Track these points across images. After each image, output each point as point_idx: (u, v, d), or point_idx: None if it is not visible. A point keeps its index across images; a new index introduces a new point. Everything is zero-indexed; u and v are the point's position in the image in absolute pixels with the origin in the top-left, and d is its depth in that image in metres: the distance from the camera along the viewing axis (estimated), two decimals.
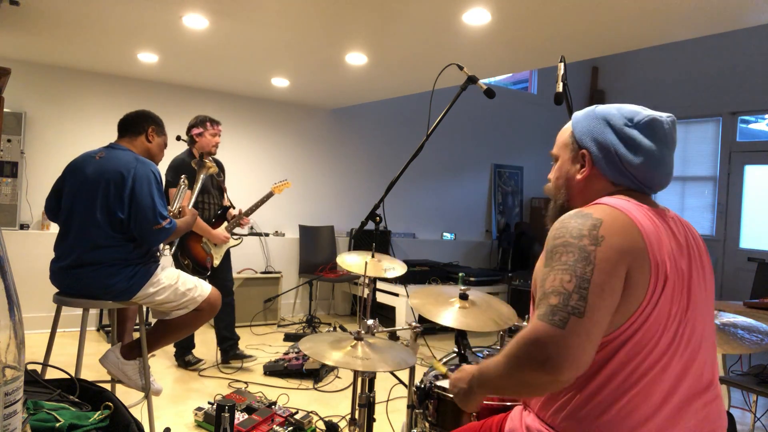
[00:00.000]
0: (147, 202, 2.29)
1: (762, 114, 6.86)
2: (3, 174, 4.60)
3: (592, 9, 3.02)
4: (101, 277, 2.27)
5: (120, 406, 0.97)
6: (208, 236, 3.76)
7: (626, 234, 1.06)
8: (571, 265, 1.04)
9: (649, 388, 1.06)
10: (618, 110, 1.22)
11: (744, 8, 2.93)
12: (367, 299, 1.99)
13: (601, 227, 1.06)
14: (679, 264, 1.11)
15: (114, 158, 2.35)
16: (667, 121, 1.20)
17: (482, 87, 2.14)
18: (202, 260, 3.77)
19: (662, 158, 1.18)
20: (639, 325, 1.06)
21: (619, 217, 1.09)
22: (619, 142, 1.19)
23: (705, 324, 1.15)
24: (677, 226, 1.18)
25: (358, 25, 3.46)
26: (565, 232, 1.09)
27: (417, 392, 1.81)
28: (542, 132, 8.19)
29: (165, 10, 3.32)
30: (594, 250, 1.04)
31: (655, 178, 1.19)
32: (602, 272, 1.02)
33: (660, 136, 1.18)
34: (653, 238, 1.08)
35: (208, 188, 3.83)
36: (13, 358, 0.64)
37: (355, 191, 6.60)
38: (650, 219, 1.12)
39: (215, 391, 3.44)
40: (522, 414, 1.24)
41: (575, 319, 0.99)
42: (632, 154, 1.17)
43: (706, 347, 1.14)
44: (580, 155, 1.24)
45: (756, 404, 3.33)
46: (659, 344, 1.07)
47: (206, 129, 3.78)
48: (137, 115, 2.54)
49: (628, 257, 1.04)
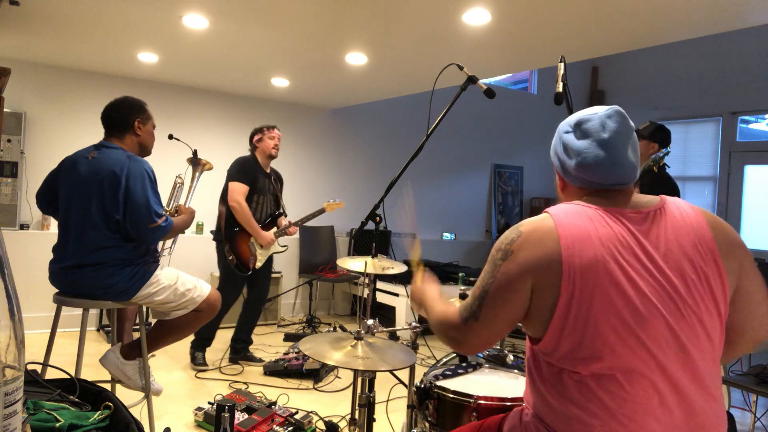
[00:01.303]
0: (141, 201, 2.27)
1: (762, 114, 6.86)
2: (3, 174, 4.60)
3: (592, 9, 3.02)
4: (101, 277, 2.27)
5: (120, 406, 0.97)
6: (256, 235, 3.87)
7: (537, 246, 1.13)
8: (483, 275, 1.22)
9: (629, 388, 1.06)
10: (568, 119, 1.29)
11: (744, 8, 2.93)
12: (367, 299, 1.99)
13: (516, 241, 1.17)
14: (629, 260, 1.09)
15: (106, 158, 2.33)
16: (601, 116, 1.21)
17: (482, 87, 2.14)
18: (246, 259, 3.88)
19: (597, 155, 1.19)
20: (577, 327, 1.08)
21: (540, 227, 1.16)
22: (562, 149, 1.27)
23: (691, 317, 1.09)
24: (649, 220, 1.15)
25: (358, 25, 3.46)
26: (496, 244, 1.23)
27: (417, 392, 1.81)
28: (542, 132, 8.19)
29: (165, 10, 3.32)
30: (500, 265, 1.18)
31: (601, 176, 1.19)
32: (499, 286, 1.17)
33: (590, 132, 1.21)
34: (575, 243, 1.11)
35: (264, 191, 3.98)
36: (13, 358, 0.64)
37: (355, 191, 6.60)
38: (586, 221, 1.13)
39: (215, 391, 3.44)
40: (521, 413, 1.24)
41: (472, 321, 1.21)
42: (568, 157, 1.25)
43: (699, 348, 1.09)
44: (554, 168, 1.34)
45: (756, 404, 3.33)
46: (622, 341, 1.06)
47: (264, 134, 3.96)
48: (118, 110, 2.46)
49: (531, 270, 1.13)
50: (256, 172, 3.92)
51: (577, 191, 1.26)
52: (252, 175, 3.88)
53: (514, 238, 1.18)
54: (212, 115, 5.74)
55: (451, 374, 1.97)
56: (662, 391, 1.06)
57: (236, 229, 3.86)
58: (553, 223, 1.15)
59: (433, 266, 5.94)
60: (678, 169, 7.42)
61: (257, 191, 3.92)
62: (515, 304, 1.15)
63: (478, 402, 1.64)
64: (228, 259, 3.82)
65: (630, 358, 1.06)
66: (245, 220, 3.82)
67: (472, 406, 1.64)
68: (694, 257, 1.12)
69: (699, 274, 1.11)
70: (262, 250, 3.96)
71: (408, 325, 2.03)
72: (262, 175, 3.96)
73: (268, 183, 4.01)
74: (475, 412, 1.62)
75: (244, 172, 3.86)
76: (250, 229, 3.84)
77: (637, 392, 1.06)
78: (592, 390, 1.08)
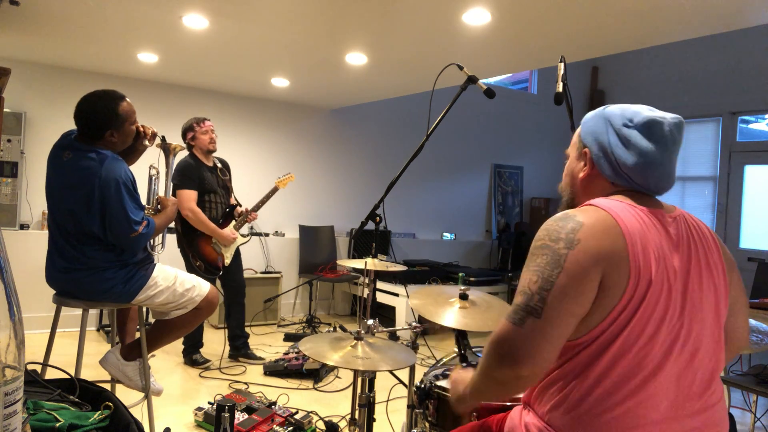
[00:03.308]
0: (118, 212, 2.18)
1: (762, 114, 6.86)
2: (3, 174, 4.60)
3: (592, 9, 3.02)
4: (97, 282, 2.24)
5: (120, 406, 0.97)
6: (216, 236, 3.80)
7: (605, 237, 1.07)
8: (541, 267, 1.08)
9: (644, 390, 1.06)
10: (621, 111, 1.21)
11: (744, 8, 2.93)
12: (367, 299, 1.99)
13: (580, 230, 1.08)
14: (671, 265, 1.10)
15: (79, 168, 2.19)
16: (670, 122, 1.17)
17: (482, 87, 2.14)
18: (213, 260, 3.82)
19: (659, 160, 1.16)
20: (621, 325, 1.06)
21: (601, 219, 1.09)
22: (617, 142, 1.19)
23: (704, 326, 1.13)
24: (679, 227, 1.16)
25: (358, 25, 3.46)
26: (545, 235, 1.12)
27: (417, 392, 1.81)
28: (542, 132, 8.19)
29: (165, 10, 3.32)
30: (566, 254, 1.06)
31: (652, 180, 1.17)
32: (569, 276, 1.05)
33: (658, 137, 1.16)
34: (637, 240, 1.08)
35: (214, 187, 3.85)
36: (13, 358, 0.64)
37: (355, 191, 6.60)
38: (639, 220, 1.11)
39: (215, 391, 3.44)
40: (521, 413, 1.24)
41: (533, 319, 1.04)
42: (627, 154, 1.17)
43: (706, 350, 1.12)
44: (583, 154, 1.25)
45: (756, 404, 3.33)
46: (651, 345, 1.07)
47: (195, 130, 3.81)
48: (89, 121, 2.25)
49: (603, 261, 1.05)
50: (199, 171, 3.78)
51: (607, 186, 1.22)
52: (197, 177, 3.75)
53: (575, 228, 1.08)
54: (212, 115, 5.73)
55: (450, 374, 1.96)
56: (675, 396, 1.08)
57: (196, 234, 3.76)
58: (612, 217, 1.10)
59: (433, 266, 5.94)
60: (678, 169, 7.34)
61: (207, 191, 3.79)
62: (587, 297, 1.05)
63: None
64: (196, 266, 3.74)
65: (653, 362, 1.07)
66: (201, 226, 3.72)
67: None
68: (712, 266, 1.16)
69: (714, 283, 1.16)
70: (227, 247, 3.90)
71: (408, 325, 2.02)
72: (207, 172, 3.83)
73: (214, 177, 3.87)
74: (475, 412, 1.62)
75: (188, 176, 3.72)
76: (209, 232, 3.76)
77: (652, 396, 1.07)
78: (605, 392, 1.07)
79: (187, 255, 3.79)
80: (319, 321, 5.60)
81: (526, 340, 1.04)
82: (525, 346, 1.04)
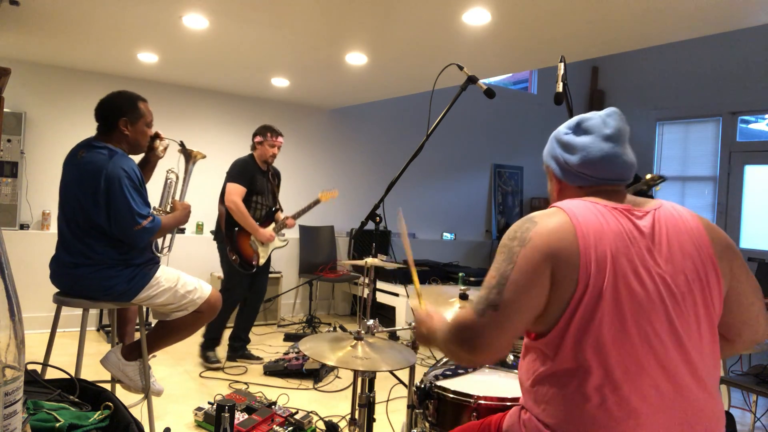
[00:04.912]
0: (122, 204, 2.22)
1: (762, 114, 6.86)
2: (3, 174, 4.60)
3: (592, 9, 3.02)
4: (100, 279, 2.26)
5: (120, 406, 0.97)
6: (255, 233, 3.92)
7: (556, 234, 1.13)
8: (498, 264, 1.17)
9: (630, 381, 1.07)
10: (565, 124, 1.33)
11: (744, 8, 2.93)
12: (367, 299, 1.99)
13: (533, 229, 1.15)
14: (638, 255, 1.11)
15: (89, 161, 2.27)
16: (600, 115, 1.26)
17: (482, 87, 2.14)
18: (249, 256, 3.92)
19: (600, 148, 1.22)
20: (587, 319, 1.08)
21: (557, 219, 1.16)
22: (561, 150, 1.30)
23: (688, 313, 1.12)
24: (653, 220, 1.17)
25: (358, 25, 3.46)
26: (507, 235, 1.20)
27: (417, 392, 1.81)
28: (542, 132, 8.15)
29: (165, 10, 3.32)
30: (519, 251, 1.14)
31: (604, 170, 1.23)
32: (519, 271, 1.12)
33: (591, 129, 1.25)
34: (590, 236, 1.12)
35: (263, 191, 4.02)
36: (13, 358, 0.64)
37: (355, 191, 6.60)
38: (597, 215, 1.15)
39: (215, 391, 3.44)
40: (520, 412, 1.25)
41: (491, 311, 1.13)
42: (571, 155, 1.26)
43: (695, 343, 1.11)
44: (549, 173, 1.36)
45: (756, 404, 3.33)
46: (626, 336, 1.07)
47: (266, 139, 3.98)
48: (105, 109, 2.38)
49: (552, 257, 1.11)
50: (253, 172, 3.96)
51: (576, 192, 1.27)
52: (249, 177, 3.93)
53: (529, 227, 1.16)
54: (212, 115, 5.74)
55: (451, 374, 1.97)
56: (661, 386, 1.08)
57: (236, 229, 3.89)
58: (568, 216, 1.15)
59: (433, 266, 5.94)
60: (678, 169, 7.42)
61: (256, 192, 3.97)
62: (538, 291, 1.11)
63: (478, 402, 1.64)
64: (231, 259, 3.86)
65: (631, 353, 1.08)
66: (242, 219, 3.86)
67: (472, 406, 1.64)
68: (693, 256, 1.15)
69: (698, 273, 1.15)
70: (264, 246, 4.01)
71: (408, 325, 2.03)
72: (259, 175, 4.00)
73: (266, 182, 4.05)
74: (475, 412, 1.62)
75: (242, 173, 3.92)
76: (248, 227, 3.89)
77: (637, 388, 1.07)
78: (591, 386, 1.08)
79: (224, 247, 3.89)
80: (319, 321, 5.60)
81: (483, 330, 1.13)
82: (482, 335, 1.13)
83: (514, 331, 1.14)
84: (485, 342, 1.13)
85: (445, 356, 1.33)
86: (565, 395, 1.11)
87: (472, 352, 1.15)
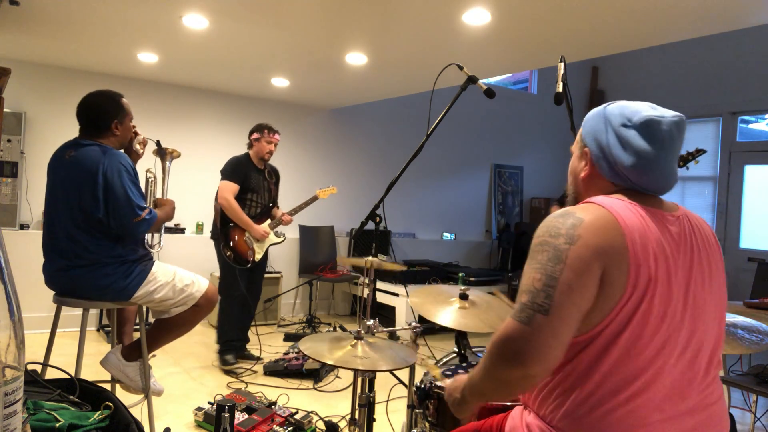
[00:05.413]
0: (122, 196, 2.24)
1: (762, 114, 6.86)
2: (3, 174, 4.60)
3: (592, 9, 3.02)
4: (96, 278, 2.25)
5: (120, 406, 0.97)
6: (249, 230, 3.92)
7: (605, 233, 1.07)
8: (543, 264, 1.07)
9: (647, 390, 1.06)
10: (621, 109, 1.20)
11: (744, 8, 2.93)
12: (367, 299, 1.99)
13: (580, 226, 1.08)
14: (673, 263, 1.10)
15: (82, 157, 2.27)
16: (669, 121, 1.15)
17: (482, 87, 2.14)
18: (243, 252, 3.92)
19: (657, 161, 1.14)
20: (623, 324, 1.06)
21: (601, 216, 1.09)
22: (616, 142, 1.18)
23: (706, 326, 1.13)
24: (681, 226, 1.16)
25: (358, 25, 3.46)
26: (545, 231, 1.11)
27: (417, 392, 1.81)
28: (542, 132, 8.18)
29: (165, 10, 3.32)
30: (567, 249, 1.06)
31: (650, 181, 1.16)
32: (572, 271, 1.04)
33: (656, 137, 1.14)
34: (637, 238, 1.07)
35: (257, 188, 4.01)
36: (13, 358, 0.64)
37: (355, 191, 6.60)
38: (640, 218, 1.10)
39: (215, 391, 3.44)
40: (522, 413, 1.24)
41: (540, 316, 1.03)
42: (625, 155, 1.16)
43: (707, 350, 1.13)
44: (584, 153, 1.25)
45: (756, 404, 3.33)
46: (653, 344, 1.07)
47: (263, 135, 3.97)
48: (95, 113, 2.37)
49: (604, 256, 1.05)
50: (247, 170, 3.95)
51: (607, 186, 1.21)
52: (242, 174, 3.91)
53: (575, 224, 1.08)
54: (212, 115, 5.74)
55: (451, 374, 1.96)
56: (673, 397, 1.08)
57: (231, 225, 3.90)
58: (612, 214, 1.09)
59: (433, 266, 5.94)
60: None
61: (250, 189, 3.96)
62: (591, 291, 1.04)
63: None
64: (226, 255, 3.86)
65: (651, 362, 1.07)
66: (234, 215, 3.86)
67: None
68: (714, 263, 1.17)
69: (716, 280, 1.17)
70: (259, 243, 4.01)
71: (408, 325, 2.02)
72: (254, 172, 3.99)
73: (261, 180, 4.03)
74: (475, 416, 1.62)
75: (234, 171, 3.91)
76: (241, 223, 3.89)
77: (651, 398, 1.07)
78: (606, 391, 1.08)
79: (218, 244, 3.89)
80: (319, 321, 5.60)
81: (534, 338, 1.02)
82: (534, 344, 1.02)
83: (567, 335, 1.04)
84: (539, 351, 1.02)
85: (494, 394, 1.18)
86: (577, 399, 1.09)
87: (525, 365, 1.02)
